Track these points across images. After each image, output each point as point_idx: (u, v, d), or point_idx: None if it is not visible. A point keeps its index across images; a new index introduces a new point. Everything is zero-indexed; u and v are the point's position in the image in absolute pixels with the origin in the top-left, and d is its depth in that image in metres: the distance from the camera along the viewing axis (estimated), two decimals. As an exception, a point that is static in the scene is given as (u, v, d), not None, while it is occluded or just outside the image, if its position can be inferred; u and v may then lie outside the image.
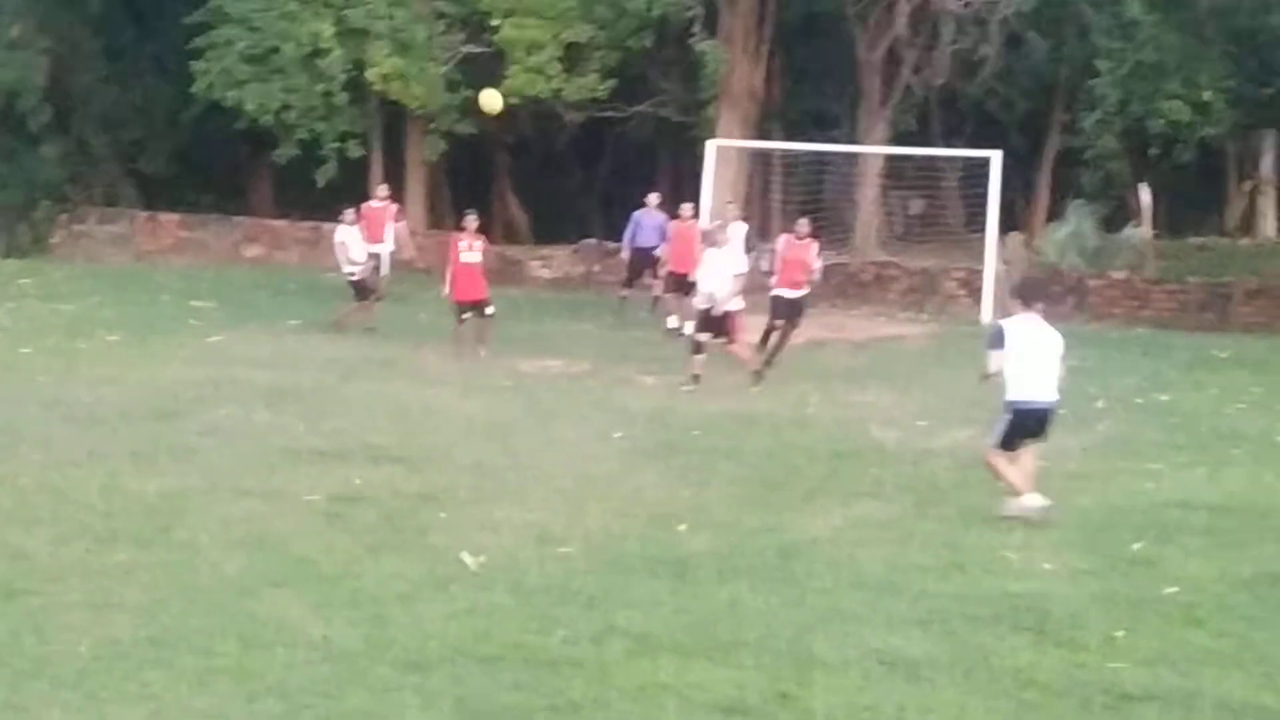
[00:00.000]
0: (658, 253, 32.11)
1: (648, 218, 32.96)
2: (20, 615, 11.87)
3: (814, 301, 32.11)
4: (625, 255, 33.23)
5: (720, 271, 24.52)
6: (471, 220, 27.57)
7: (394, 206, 33.79)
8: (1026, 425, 16.07)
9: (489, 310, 26.86)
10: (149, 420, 19.81)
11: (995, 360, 16.11)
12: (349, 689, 10.45)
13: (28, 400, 20.93)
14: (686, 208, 32.05)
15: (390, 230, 32.80)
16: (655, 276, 32.49)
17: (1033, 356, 16.05)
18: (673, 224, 31.40)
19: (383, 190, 34.42)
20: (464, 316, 26.58)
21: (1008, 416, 16.04)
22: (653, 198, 33.33)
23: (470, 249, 27.06)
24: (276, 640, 11.37)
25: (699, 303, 24.72)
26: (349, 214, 30.31)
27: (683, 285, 29.15)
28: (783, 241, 27.72)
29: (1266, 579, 13.66)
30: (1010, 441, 16.09)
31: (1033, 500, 15.81)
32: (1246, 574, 13.83)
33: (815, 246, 27.31)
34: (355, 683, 10.57)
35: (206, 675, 10.63)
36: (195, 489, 16.14)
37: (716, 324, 24.42)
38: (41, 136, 42.45)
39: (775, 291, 26.77)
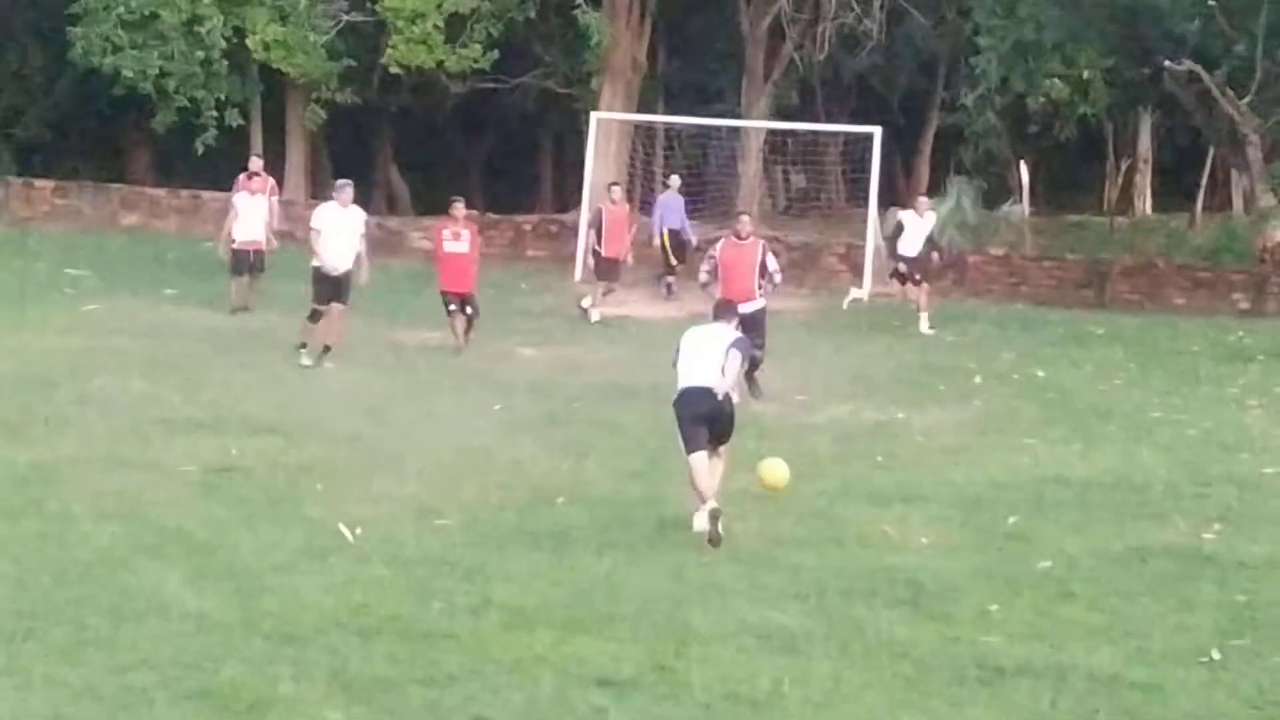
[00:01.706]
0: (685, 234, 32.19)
1: (673, 200, 32.81)
2: (-114, 586, 11.71)
3: (693, 274, 32.31)
4: (656, 242, 33.03)
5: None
6: (459, 208, 25.45)
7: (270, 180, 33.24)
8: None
9: (469, 310, 24.75)
10: (21, 389, 19.55)
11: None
12: (223, 661, 10.38)
13: (-103, 368, 20.64)
14: (616, 191, 31.78)
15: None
16: (681, 260, 32.36)
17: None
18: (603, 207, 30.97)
19: (256, 162, 33.57)
20: (450, 308, 24.62)
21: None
22: (674, 180, 33.11)
23: (456, 238, 24.92)
24: (149, 612, 11.28)
25: None
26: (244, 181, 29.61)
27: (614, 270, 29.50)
28: (720, 245, 22.51)
29: (1138, 554, 13.81)
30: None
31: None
32: (1119, 549, 13.98)
33: (762, 246, 22.15)
34: (229, 654, 10.50)
35: (77, 648, 10.52)
36: (68, 459, 15.96)
37: None
38: (-86, 101, 41.88)
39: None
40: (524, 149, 52.36)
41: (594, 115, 37.86)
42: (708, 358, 14.90)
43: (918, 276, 28.98)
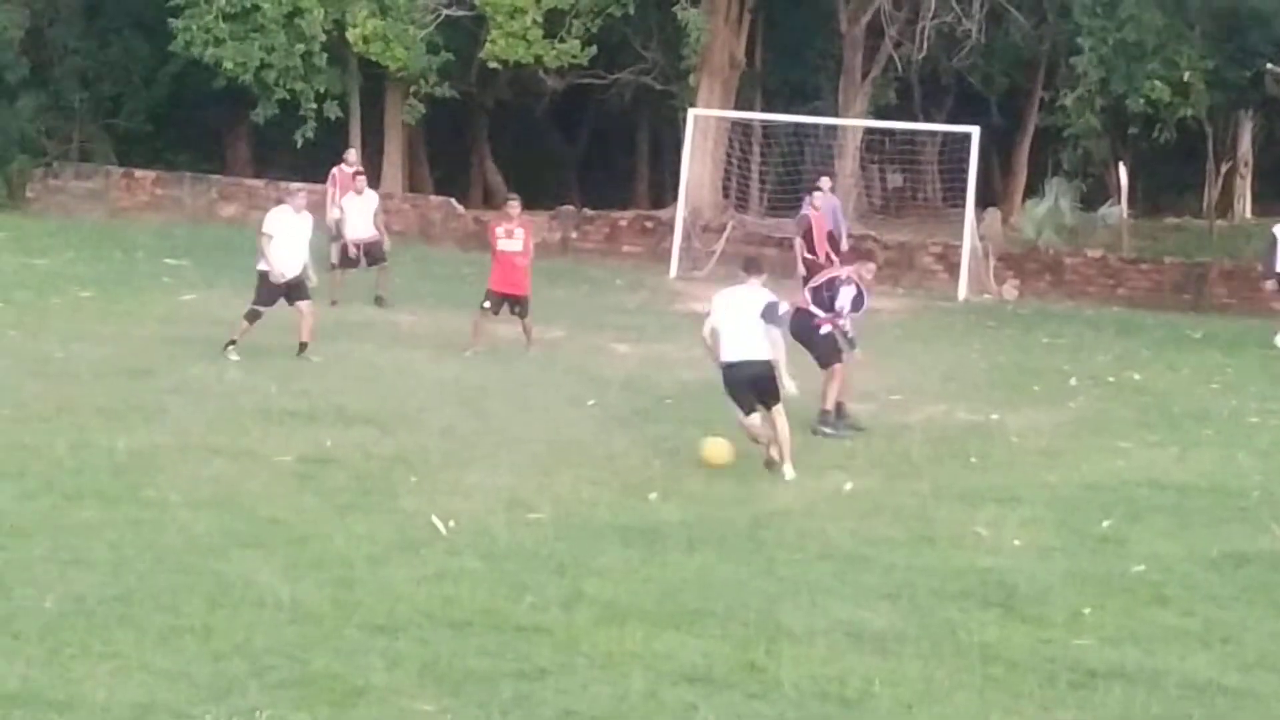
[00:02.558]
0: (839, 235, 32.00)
1: (823, 202, 32.74)
2: (-15, 569, 11.84)
3: (790, 273, 32.26)
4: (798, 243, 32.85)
5: None
6: (514, 205, 24.96)
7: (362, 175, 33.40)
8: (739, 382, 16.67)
9: (517, 311, 23.93)
10: (120, 377, 19.75)
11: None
12: (315, 650, 10.43)
13: (-1, 354, 20.87)
14: (819, 196, 30.29)
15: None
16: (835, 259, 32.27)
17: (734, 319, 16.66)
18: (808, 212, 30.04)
19: (352, 155, 33.78)
20: (485, 305, 23.74)
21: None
22: (825, 181, 33.02)
23: (510, 236, 24.15)
24: (243, 600, 11.36)
25: None
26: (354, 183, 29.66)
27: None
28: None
29: (1233, 559, 13.69)
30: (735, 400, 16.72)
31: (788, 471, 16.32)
32: (1214, 553, 13.86)
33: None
34: (322, 644, 10.56)
35: (172, 634, 10.61)
36: (165, 447, 16.11)
37: None
38: (18, 90, 42.19)
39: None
40: (620, 145, 52.39)
41: (691, 112, 37.89)
42: (749, 324, 16.60)
43: None
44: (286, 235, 22.55)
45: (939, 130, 40.55)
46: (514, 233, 24.34)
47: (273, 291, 22.39)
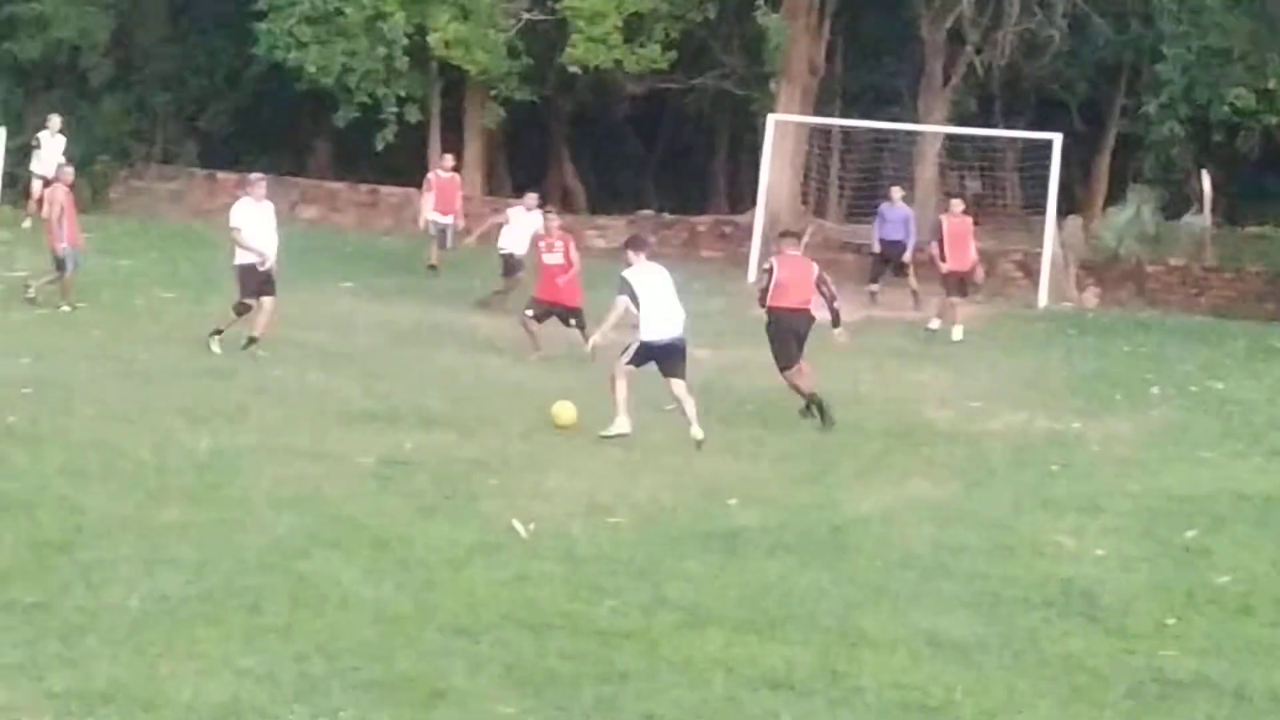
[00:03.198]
0: (904, 250, 31.96)
1: (891, 211, 32.66)
2: (72, 569, 11.94)
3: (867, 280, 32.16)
4: (876, 249, 32.76)
5: None
6: (551, 219, 25.18)
7: (459, 177, 33.60)
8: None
9: (573, 323, 23.81)
10: (203, 378, 19.89)
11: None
12: (397, 652, 10.47)
13: (82, 355, 21.02)
14: (958, 203, 30.22)
15: (459, 202, 32.88)
16: (903, 273, 32.17)
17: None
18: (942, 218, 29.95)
19: (449, 161, 34.17)
20: (528, 313, 23.73)
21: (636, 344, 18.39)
22: (896, 191, 32.92)
23: (550, 250, 24.25)
24: (326, 601, 11.41)
25: None
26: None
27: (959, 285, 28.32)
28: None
29: (1320, 571, 13.58)
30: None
31: (622, 424, 17.74)
32: (1300, 565, 13.76)
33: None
34: (403, 646, 10.60)
35: (255, 634, 10.66)
36: (247, 448, 16.20)
37: None
38: (103, 92, 42.54)
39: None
40: (699, 150, 52.31)
41: (771, 117, 37.81)
42: (669, 301, 18.72)
43: None
44: (254, 225, 22.79)
45: (1020, 137, 40.32)
46: (554, 245, 24.33)
47: (255, 280, 22.49)
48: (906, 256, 32.14)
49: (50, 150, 35.63)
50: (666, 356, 18.49)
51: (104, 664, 10.01)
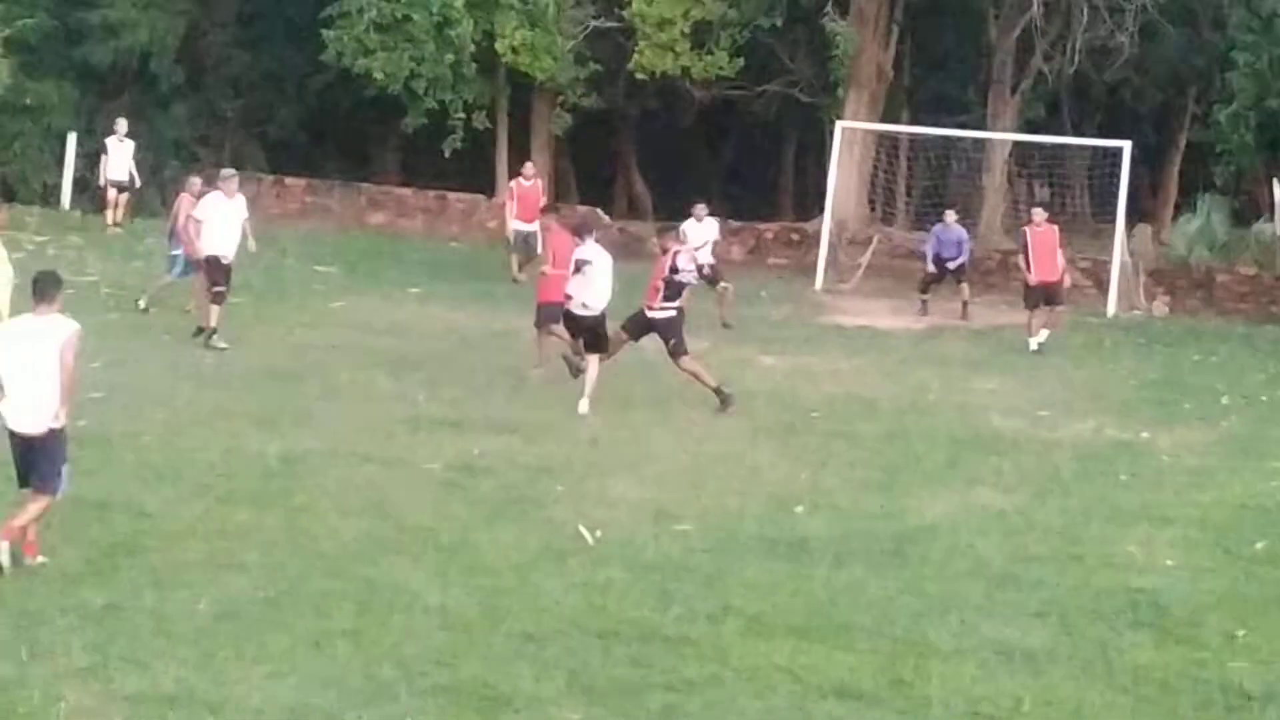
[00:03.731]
0: (958, 265, 31.88)
1: (945, 233, 32.51)
2: (141, 572, 12.02)
3: (936, 288, 32.06)
4: (931, 269, 32.61)
5: None
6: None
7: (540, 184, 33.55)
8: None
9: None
10: (271, 383, 19.97)
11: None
12: (465, 657, 10.50)
13: (152, 360, 21.12)
14: (1039, 212, 29.13)
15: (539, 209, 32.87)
16: (959, 279, 31.98)
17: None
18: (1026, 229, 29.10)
19: (530, 169, 34.18)
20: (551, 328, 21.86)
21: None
22: (950, 214, 32.82)
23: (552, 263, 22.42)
24: (394, 607, 11.44)
25: None
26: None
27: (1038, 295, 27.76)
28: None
29: (1393, 583, 13.46)
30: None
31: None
32: (1372, 577, 13.64)
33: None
34: (471, 652, 10.62)
35: (324, 639, 10.70)
36: (315, 453, 16.26)
37: None
38: (172, 97, 42.82)
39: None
40: (766, 156, 52.29)
41: (839, 124, 37.77)
42: (605, 282, 20.50)
43: None
44: (219, 220, 23.14)
45: (1089, 144, 40.16)
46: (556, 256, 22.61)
47: (223, 271, 22.96)
48: (959, 263, 31.86)
49: (118, 156, 35.92)
50: (587, 329, 20.30)
51: (172, 667, 10.06)
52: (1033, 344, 26.90)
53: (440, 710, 9.71)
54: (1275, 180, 38.75)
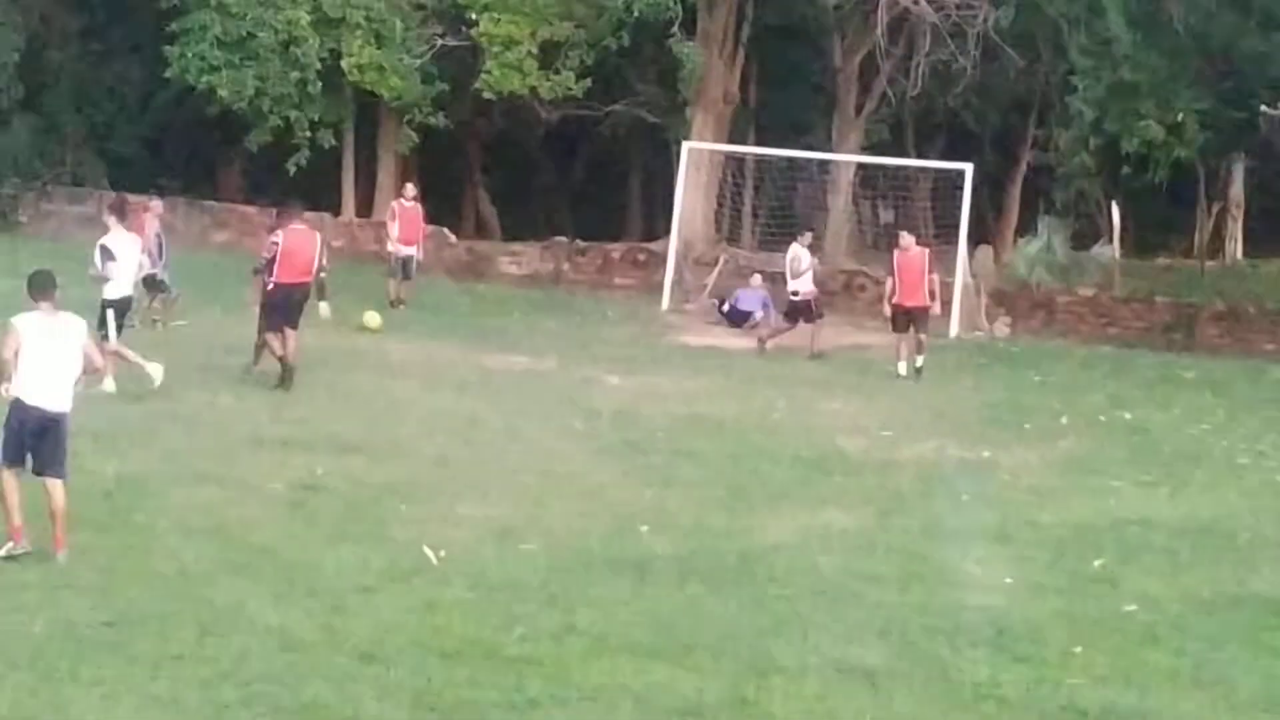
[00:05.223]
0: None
1: (747, 292, 32.74)
2: (-25, 594, 11.81)
3: (780, 307, 32.24)
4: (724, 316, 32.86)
5: None
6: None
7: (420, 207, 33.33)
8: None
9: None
10: (112, 403, 19.67)
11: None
12: (306, 678, 10.40)
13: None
14: (907, 236, 28.91)
15: (423, 233, 32.80)
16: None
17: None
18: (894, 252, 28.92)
19: (411, 189, 33.84)
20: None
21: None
22: (756, 278, 33.19)
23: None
24: (234, 628, 11.33)
25: None
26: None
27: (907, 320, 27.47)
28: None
29: (1225, 600, 13.68)
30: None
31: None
32: (1205, 594, 13.85)
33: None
34: (312, 672, 10.52)
35: (162, 661, 10.57)
36: (155, 474, 16.08)
37: None
38: (12, 113, 42.22)
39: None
40: (613, 177, 52.39)
41: (685, 145, 37.92)
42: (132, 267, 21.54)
43: None
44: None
45: (932, 166, 40.59)
46: None
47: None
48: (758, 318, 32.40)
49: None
50: (121, 313, 21.37)
51: (8, 690, 9.91)
52: (901, 369, 26.75)
53: (281, 732, 9.63)
54: (1114, 203, 39.39)
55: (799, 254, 29.67)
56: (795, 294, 29.57)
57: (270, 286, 22.07)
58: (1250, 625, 12.98)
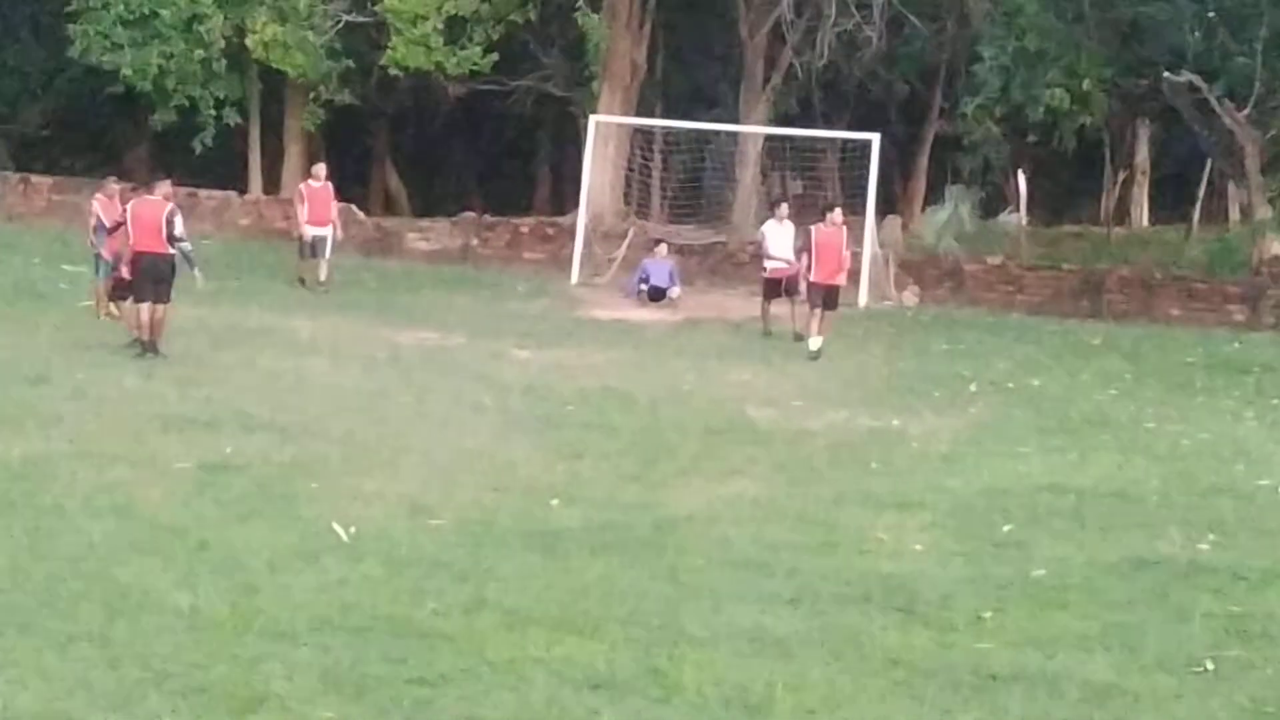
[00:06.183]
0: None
1: (655, 264, 32.71)
2: (-122, 578, 11.67)
3: (691, 279, 32.31)
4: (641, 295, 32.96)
5: None
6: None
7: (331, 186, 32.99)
8: None
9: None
10: (16, 384, 19.52)
11: None
12: (215, 658, 10.32)
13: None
14: (837, 213, 28.59)
15: (334, 211, 32.45)
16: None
17: None
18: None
19: (320, 170, 33.36)
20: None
21: None
22: (662, 248, 33.08)
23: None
24: (142, 608, 11.22)
25: None
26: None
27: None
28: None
29: (1132, 563, 13.77)
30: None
31: None
32: (1113, 558, 13.93)
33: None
34: (221, 652, 10.44)
35: (69, 642, 10.46)
36: (62, 454, 15.91)
37: None
38: (-90, 94, 41.87)
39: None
40: (522, 151, 52.37)
41: (593, 118, 37.91)
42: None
43: None
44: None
45: (839, 137, 40.69)
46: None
47: None
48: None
49: None
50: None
51: (-89, 675, 9.81)
52: (813, 344, 26.14)
53: (191, 711, 9.53)
54: (1020, 171, 39.64)
55: (764, 230, 29.78)
56: (764, 271, 29.56)
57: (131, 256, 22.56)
58: (1157, 587, 13.06)
